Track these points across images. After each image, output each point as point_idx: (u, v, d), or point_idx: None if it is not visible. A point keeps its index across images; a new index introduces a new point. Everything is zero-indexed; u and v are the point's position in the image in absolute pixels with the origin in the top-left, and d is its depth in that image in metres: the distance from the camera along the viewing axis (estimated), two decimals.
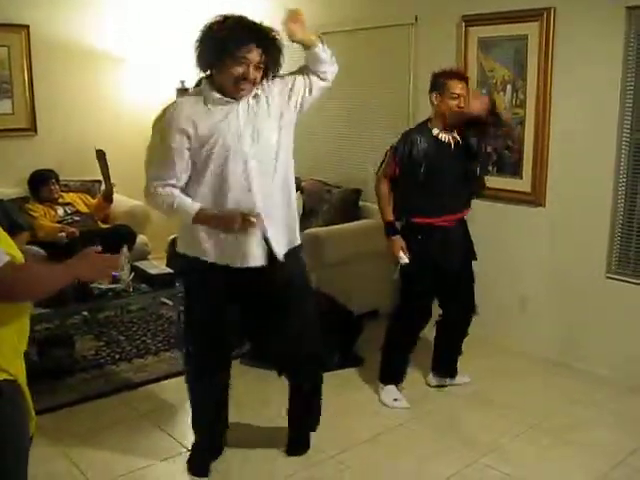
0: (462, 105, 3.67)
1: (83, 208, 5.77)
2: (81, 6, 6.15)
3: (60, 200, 5.72)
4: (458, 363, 4.14)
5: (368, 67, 5.46)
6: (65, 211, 5.68)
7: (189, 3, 6.61)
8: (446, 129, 3.74)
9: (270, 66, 2.85)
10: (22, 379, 2.00)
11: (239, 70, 2.75)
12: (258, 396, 3.94)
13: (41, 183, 5.65)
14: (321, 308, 4.39)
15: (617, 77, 4.02)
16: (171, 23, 6.58)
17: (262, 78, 2.86)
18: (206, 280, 3.01)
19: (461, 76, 3.77)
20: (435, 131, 3.73)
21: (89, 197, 5.89)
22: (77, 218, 5.64)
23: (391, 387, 3.95)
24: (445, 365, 4.13)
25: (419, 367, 4.22)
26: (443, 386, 4.12)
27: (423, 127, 3.78)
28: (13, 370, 1.96)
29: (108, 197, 5.72)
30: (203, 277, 3.01)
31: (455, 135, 3.77)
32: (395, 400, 3.91)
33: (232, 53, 2.73)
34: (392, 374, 3.99)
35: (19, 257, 1.95)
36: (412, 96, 5.04)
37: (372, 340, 4.46)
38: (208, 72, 2.88)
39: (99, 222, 5.81)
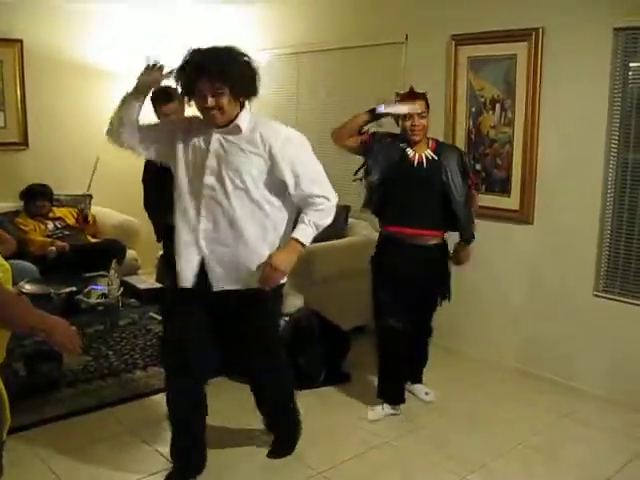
0: (416, 123, 3.71)
1: (73, 222, 5.79)
2: (74, 21, 6.19)
3: (50, 215, 5.73)
4: (429, 377, 4.23)
5: (359, 85, 5.49)
6: (55, 225, 5.68)
7: (180, 18, 6.66)
8: (412, 147, 3.79)
9: (235, 87, 2.86)
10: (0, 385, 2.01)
11: (200, 102, 2.89)
12: (243, 411, 3.93)
13: (37, 198, 5.66)
14: (310, 324, 4.43)
15: (604, 97, 4.07)
16: (163, 38, 6.61)
17: (238, 98, 2.91)
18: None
19: (413, 96, 3.77)
20: (404, 145, 3.79)
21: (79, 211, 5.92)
22: (67, 232, 5.67)
23: (384, 406, 3.97)
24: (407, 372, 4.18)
25: None
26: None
27: (398, 136, 3.84)
28: None
29: (84, 219, 5.84)
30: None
31: (425, 154, 3.80)
32: (383, 409, 3.94)
33: (192, 90, 2.88)
34: (384, 392, 4.00)
35: (7, 267, 1.97)
36: None
37: (359, 356, 4.48)
38: None
39: (89, 236, 5.81)
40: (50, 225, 5.67)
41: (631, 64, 4.02)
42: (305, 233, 3.01)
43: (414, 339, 4.03)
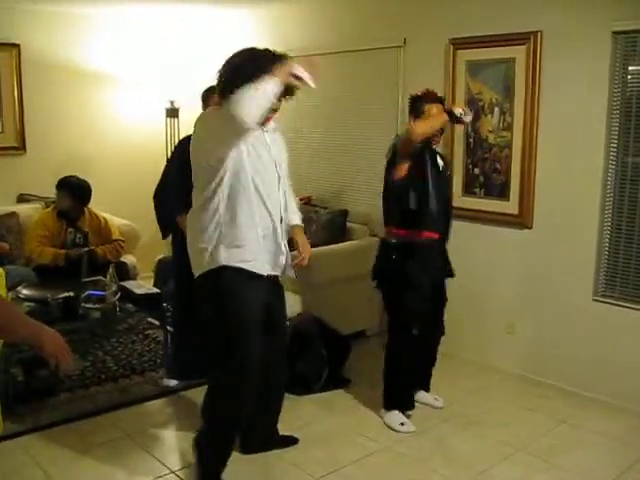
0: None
1: (95, 241, 5.33)
2: (72, 25, 6.17)
3: (78, 223, 5.26)
4: (432, 382, 4.21)
5: (357, 88, 5.50)
6: (75, 239, 5.20)
7: (178, 22, 6.65)
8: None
9: None
10: None
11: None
12: None
13: (62, 189, 5.18)
14: (309, 329, 4.41)
15: (604, 101, 4.06)
16: (162, 43, 6.61)
17: None
18: None
19: (438, 99, 3.79)
20: (431, 151, 3.77)
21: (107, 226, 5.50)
22: (78, 250, 5.18)
23: (395, 412, 3.91)
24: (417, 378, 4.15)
25: None
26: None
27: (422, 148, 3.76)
28: None
29: None
30: None
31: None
32: (402, 424, 3.85)
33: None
34: (398, 400, 3.94)
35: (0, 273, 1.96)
36: (400, 118, 5.06)
37: (359, 361, 4.46)
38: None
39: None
40: (70, 236, 5.18)
41: (630, 67, 4.01)
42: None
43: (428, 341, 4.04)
